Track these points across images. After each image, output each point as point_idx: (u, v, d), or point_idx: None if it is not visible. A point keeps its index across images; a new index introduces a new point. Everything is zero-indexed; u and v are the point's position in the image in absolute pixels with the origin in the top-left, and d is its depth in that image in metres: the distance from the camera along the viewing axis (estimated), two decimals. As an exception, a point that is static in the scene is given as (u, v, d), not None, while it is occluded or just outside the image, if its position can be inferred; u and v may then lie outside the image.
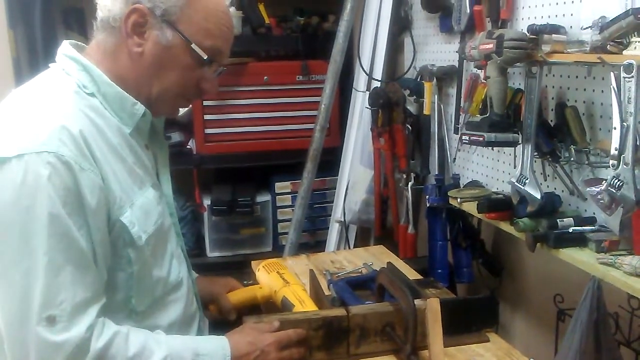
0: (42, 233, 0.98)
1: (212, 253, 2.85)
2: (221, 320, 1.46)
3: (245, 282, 1.55)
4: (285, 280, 1.44)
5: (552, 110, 1.57)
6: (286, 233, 2.65)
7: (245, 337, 1.19)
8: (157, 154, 1.28)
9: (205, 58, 1.13)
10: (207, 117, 2.69)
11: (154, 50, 1.12)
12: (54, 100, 1.07)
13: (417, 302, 1.23)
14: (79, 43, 1.18)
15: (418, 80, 2.18)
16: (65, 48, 1.15)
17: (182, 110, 2.77)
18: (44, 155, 0.98)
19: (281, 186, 2.87)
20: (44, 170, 0.98)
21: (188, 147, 2.79)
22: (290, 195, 2.86)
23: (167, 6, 1.10)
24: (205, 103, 2.66)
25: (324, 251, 2.61)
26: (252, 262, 1.89)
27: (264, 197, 2.86)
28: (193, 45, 1.12)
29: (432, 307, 1.15)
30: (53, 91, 1.10)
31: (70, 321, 0.99)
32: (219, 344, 1.16)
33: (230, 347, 1.15)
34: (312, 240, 2.89)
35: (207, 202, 2.78)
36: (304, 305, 1.35)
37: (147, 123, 1.19)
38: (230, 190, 2.79)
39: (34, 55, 2.73)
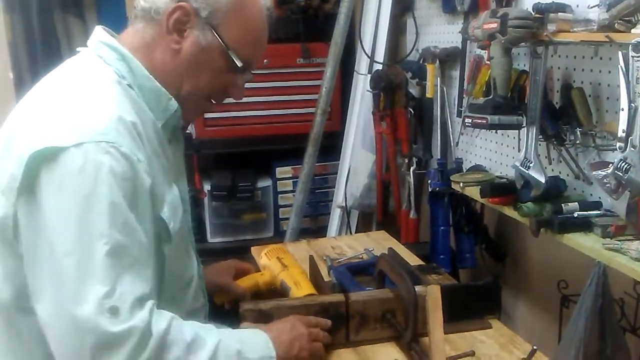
0: (102, 221, 0.93)
1: (213, 239, 2.83)
2: (228, 307, 1.45)
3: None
4: (284, 264, 1.44)
5: (557, 91, 1.53)
6: (287, 218, 2.63)
7: (271, 323, 1.19)
8: (176, 149, 1.25)
9: (239, 65, 1.12)
10: (206, 101, 2.66)
11: (191, 49, 1.10)
12: (102, 89, 1.05)
13: (417, 288, 1.21)
14: (110, 30, 1.15)
15: (420, 62, 2.14)
16: (101, 34, 1.13)
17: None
18: (103, 145, 0.95)
19: (282, 171, 2.85)
20: (104, 159, 0.95)
21: (188, 131, 2.76)
22: (291, 181, 2.83)
23: (214, 9, 1.09)
24: (205, 87, 2.62)
25: (325, 236, 2.59)
26: (252, 248, 1.88)
27: (264, 183, 2.84)
28: (230, 52, 1.11)
29: (432, 293, 1.13)
30: (97, 80, 1.07)
31: (131, 313, 0.94)
32: (257, 332, 1.14)
33: (267, 332, 1.14)
34: (313, 225, 2.87)
35: (207, 187, 2.75)
36: (299, 287, 1.35)
37: (176, 119, 1.16)
38: (231, 176, 2.77)
39: (31, 40, 2.70)
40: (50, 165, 0.94)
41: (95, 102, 1.02)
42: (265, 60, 2.67)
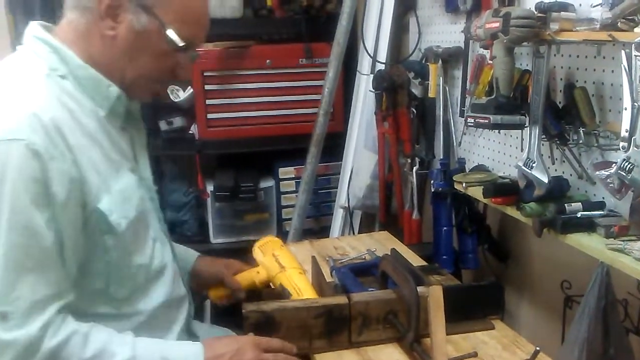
0: (2, 225, 0.94)
1: (216, 239, 2.83)
2: (226, 304, 1.45)
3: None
4: (281, 264, 1.41)
5: (560, 91, 1.52)
6: (290, 219, 2.62)
7: (223, 339, 1.17)
8: (135, 136, 1.24)
9: (181, 45, 1.10)
10: (209, 101, 2.65)
11: (127, 34, 1.08)
12: (25, 85, 1.04)
13: (420, 289, 1.20)
14: (47, 24, 1.14)
15: (423, 62, 2.14)
16: (34, 29, 1.11)
17: (182, 95, 2.74)
18: (14, 143, 0.95)
19: (285, 172, 2.84)
20: (12, 159, 0.94)
21: (190, 132, 2.76)
22: (294, 181, 2.82)
23: None
24: (207, 87, 2.62)
25: (328, 237, 2.58)
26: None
27: (267, 183, 2.83)
28: (168, 32, 1.08)
29: (434, 294, 1.12)
30: (24, 75, 1.06)
31: (25, 319, 0.94)
32: (192, 349, 1.11)
33: (205, 349, 1.11)
34: (316, 226, 2.86)
35: (210, 187, 2.75)
36: (300, 294, 1.32)
37: (121, 105, 1.15)
38: (233, 176, 2.76)
39: (33, 41, 2.70)
40: None
41: (11, 100, 1.01)
42: (267, 61, 2.67)
